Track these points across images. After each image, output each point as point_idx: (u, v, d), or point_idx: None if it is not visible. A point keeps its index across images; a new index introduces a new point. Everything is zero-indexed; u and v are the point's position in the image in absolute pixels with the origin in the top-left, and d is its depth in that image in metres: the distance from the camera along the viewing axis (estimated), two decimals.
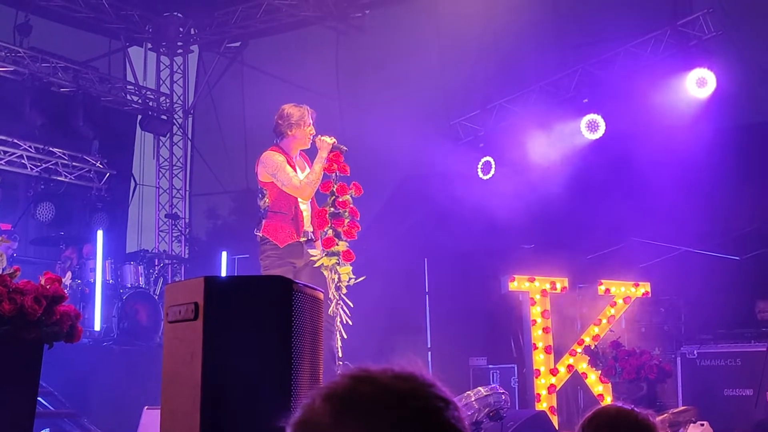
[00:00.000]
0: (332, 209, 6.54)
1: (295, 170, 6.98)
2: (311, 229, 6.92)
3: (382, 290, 12.09)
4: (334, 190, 6.59)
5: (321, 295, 3.98)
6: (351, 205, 6.62)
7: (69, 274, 11.04)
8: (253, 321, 3.49)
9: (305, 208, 7.03)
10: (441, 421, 1.44)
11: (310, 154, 7.09)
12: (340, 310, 6.40)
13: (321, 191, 6.88)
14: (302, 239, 6.92)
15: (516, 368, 10.38)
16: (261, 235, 6.92)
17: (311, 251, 6.71)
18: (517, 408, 9.62)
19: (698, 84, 10.42)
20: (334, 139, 6.89)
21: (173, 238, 15.94)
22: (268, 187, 6.97)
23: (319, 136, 6.94)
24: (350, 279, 6.50)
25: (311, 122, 7.09)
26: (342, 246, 6.50)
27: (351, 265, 6.63)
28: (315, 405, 1.46)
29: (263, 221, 6.95)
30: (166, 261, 13.93)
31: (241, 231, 14.82)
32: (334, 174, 6.70)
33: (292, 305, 3.49)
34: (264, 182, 7.00)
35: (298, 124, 7.02)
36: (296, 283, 3.63)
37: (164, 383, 3.67)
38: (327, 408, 1.44)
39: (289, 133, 7.03)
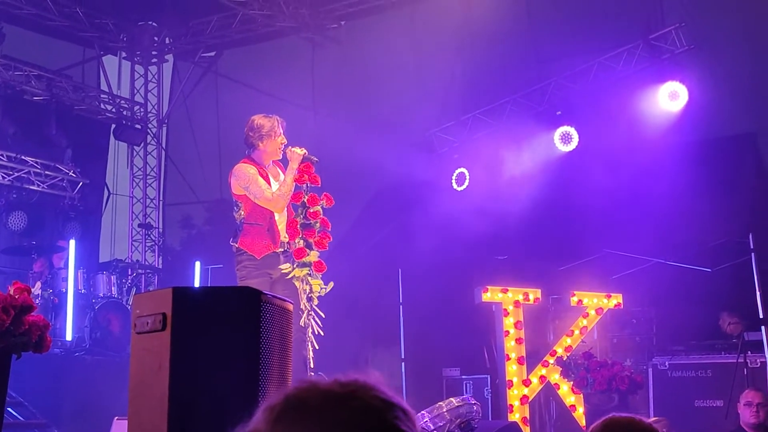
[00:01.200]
0: (303, 220, 6.54)
1: (268, 181, 6.98)
2: (287, 239, 6.91)
3: (356, 301, 12.09)
4: (305, 201, 6.59)
5: (290, 306, 3.98)
6: (322, 216, 6.62)
7: (38, 284, 10.96)
8: (222, 332, 3.48)
9: (281, 218, 7.03)
10: (381, 421, 1.42)
11: (285, 162, 7.09)
12: (312, 320, 6.40)
13: (292, 202, 6.88)
14: (279, 250, 6.92)
15: (489, 379, 10.39)
16: (237, 246, 6.92)
17: (281, 266, 6.70)
18: (490, 419, 9.64)
19: (670, 97, 10.52)
20: (304, 150, 6.90)
21: (147, 248, 15.86)
22: (242, 199, 6.96)
23: (290, 147, 6.94)
24: (321, 289, 6.50)
25: (282, 132, 7.09)
26: (313, 257, 6.50)
27: (322, 275, 6.62)
28: (256, 415, 1.46)
29: (239, 234, 6.95)
30: (140, 271, 13.87)
31: (214, 241, 14.77)
32: (305, 185, 6.70)
33: (261, 316, 3.49)
34: (237, 195, 7.00)
35: (269, 135, 7.02)
36: (265, 294, 3.62)
37: (132, 394, 3.66)
38: (265, 415, 1.44)
39: (260, 144, 7.03)
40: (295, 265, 6.48)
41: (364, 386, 1.45)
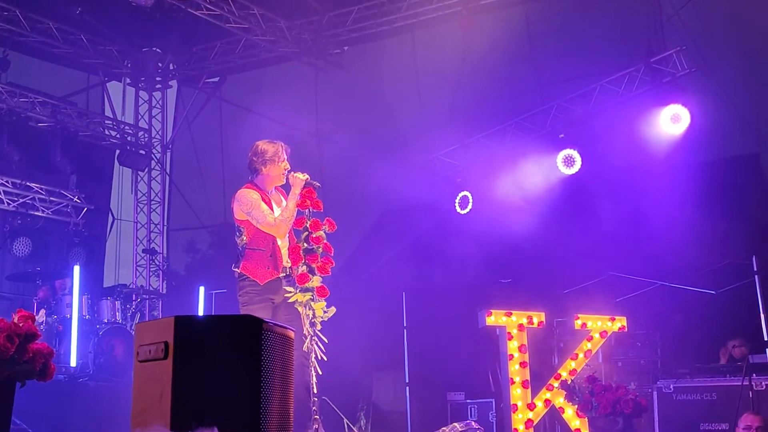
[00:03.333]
0: (306, 245, 6.55)
1: (270, 206, 6.99)
2: (290, 264, 6.91)
3: (360, 325, 12.06)
4: (308, 226, 6.60)
5: (292, 334, 3.99)
6: (325, 241, 6.63)
7: (42, 312, 10.96)
8: (223, 360, 3.49)
9: (283, 243, 7.04)
10: None
11: (287, 188, 7.10)
12: (315, 346, 6.39)
13: (295, 227, 6.89)
14: (281, 275, 6.92)
15: (494, 403, 10.36)
16: (239, 271, 6.93)
17: (286, 287, 6.70)
18: None
19: (672, 120, 10.53)
20: (306, 176, 6.91)
21: (151, 273, 15.89)
22: (245, 224, 6.98)
23: (293, 172, 6.96)
24: (324, 313, 6.49)
25: (285, 158, 7.12)
26: (316, 282, 6.50)
27: (326, 300, 6.62)
28: None
29: (241, 259, 6.95)
30: (144, 296, 13.87)
31: (218, 266, 14.77)
32: (307, 210, 6.71)
33: (262, 344, 3.50)
34: (240, 220, 7.01)
35: (273, 160, 7.04)
36: (266, 322, 3.63)
37: (134, 422, 3.66)
38: None
39: (264, 169, 7.06)
40: (297, 290, 6.48)
41: None
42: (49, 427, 9.03)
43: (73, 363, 10.92)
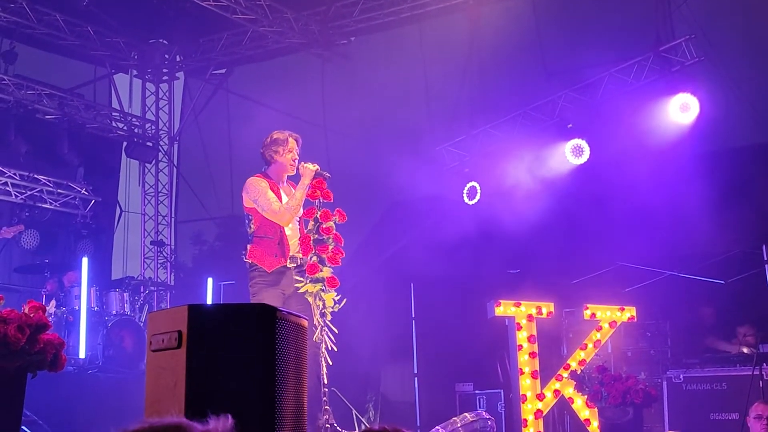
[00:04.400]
0: (316, 235, 6.54)
1: (279, 196, 7.01)
2: (300, 255, 6.92)
3: (369, 316, 12.07)
4: (318, 216, 6.60)
5: (305, 323, 3.98)
6: (335, 232, 6.62)
7: (53, 303, 10.99)
8: (237, 349, 3.48)
9: (292, 233, 7.06)
10: None
11: (298, 179, 7.11)
12: (325, 336, 6.39)
13: (304, 217, 6.90)
14: (290, 265, 6.93)
15: (503, 393, 10.35)
16: (249, 261, 6.95)
17: (297, 277, 6.70)
18: None
19: (681, 109, 10.48)
20: (317, 166, 6.92)
21: (159, 265, 15.90)
22: (253, 212, 7.01)
23: (303, 162, 6.98)
24: (335, 304, 6.50)
25: (295, 148, 7.14)
26: (326, 272, 6.49)
27: (336, 291, 6.62)
28: None
29: (249, 246, 6.99)
30: (152, 288, 13.89)
31: (226, 257, 14.79)
32: (317, 200, 6.71)
33: (276, 333, 3.49)
34: (248, 208, 7.05)
35: (282, 150, 7.09)
36: (280, 310, 3.62)
37: (147, 412, 3.65)
38: None
39: (274, 159, 7.11)
40: (308, 281, 6.48)
41: (175, 428, 1.43)
42: (58, 418, 9.04)
43: (82, 355, 10.94)
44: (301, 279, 6.58)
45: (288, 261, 6.95)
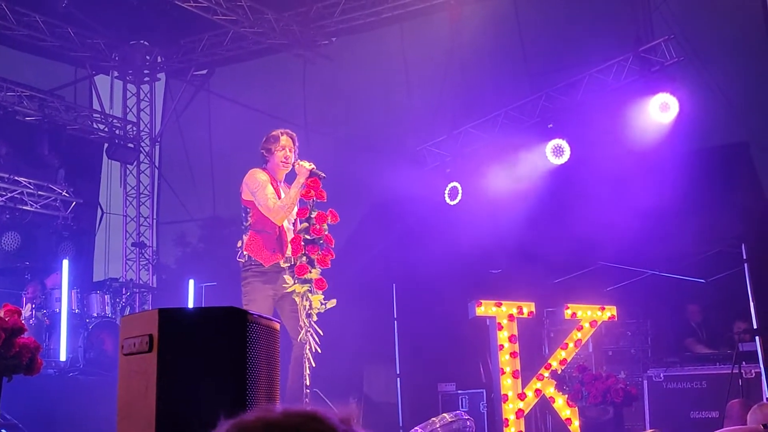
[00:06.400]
0: (307, 236, 6.52)
1: (278, 192, 7.01)
2: (293, 257, 6.91)
3: (351, 317, 12.02)
4: (312, 217, 6.58)
5: (277, 326, 3.97)
6: (327, 233, 6.61)
7: (29, 306, 10.91)
8: (208, 352, 3.47)
9: (289, 228, 7.07)
10: None
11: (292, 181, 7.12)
12: (310, 337, 6.37)
13: (298, 217, 6.88)
14: (284, 264, 6.91)
15: (485, 393, 10.37)
16: (245, 255, 6.91)
17: (286, 277, 6.68)
18: None
19: (661, 108, 10.51)
20: (312, 165, 6.91)
21: (141, 267, 15.85)
22: (251, 205, 7.02)
23: (299, 161, 6.98)
24: (322, 305, 6.48)
25: (290, 146, 7.15)
26: (315, 274, 6.48)
27: (322, 293, 6.60)
28: None
29: (245, 237, 6.96)
30: (134, 290, 13.84)
31: (209, 258, 14.76)
32: (311, 200, 6.69)
33: (247, 336, 3.48)
34: (246, 200, 7.05)
35: (273, 148, 7.11)
36: (251, 314, 3.61)
37: (120, 415, 3.64)
38: None
39: (267, 154, 7.13)
40: (296, 281, 6.46)
41: (311, 419, 1.43)
42: (39, 421, 8.99)
43: (62, 357, 10.89)
44: (290, 279, 6.56)
45: (284, 260, 6.94)
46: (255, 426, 1.43)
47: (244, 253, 6.96)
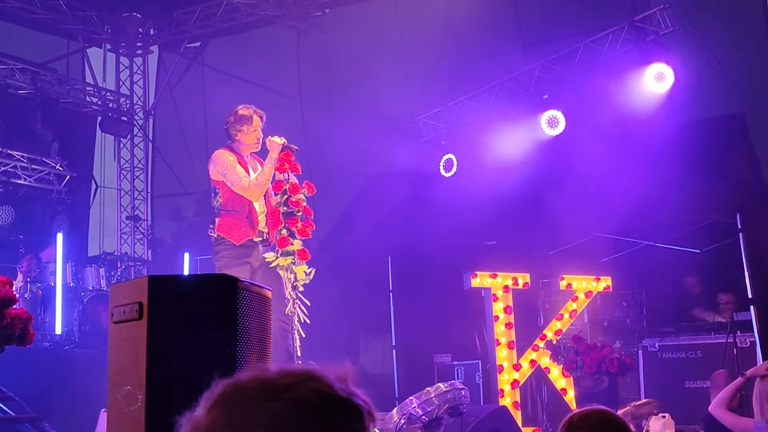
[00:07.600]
0: (285, 209, 6.50)
1: (247, 170, 6.95)
2: (266, 230, 6.89)
3: (347, 289, 12.08)
4: (287, 189, 6.56)
5: (269, 293, 3.95)
6: (304, 204, 6.58)
7: (20, 277, 10.88)
8: (198, 320, 3.45)
9: (260, 207, 7.01)
10: (311, 415, 1.40)
11: (264, 155, 7.04)
12: (298, 309, 6.37)
13: (273, 191, 6.85)
14: (257, 239, 6.89)
15: (480, 364, 10.39)
16: (216, 234, 6.90)
17: (266, 255, 6.66)
18: (481, 403, 9.65)
19: (656, 79, 10.46)
20: (284, 139, 6.86)
21: (136, 240, 15.83)
22: (220, 185, 6.95)
23: (269, 137, 6.91)
24: (306, 276, 6.47)
25: (259, 124, 7.05)
26: (297, 245, 6.46)
27: (311, 264, 6.60)
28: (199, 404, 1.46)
29: (217, 219, 6.94)
30: (129, 263, 13.83)
31: (203, 232, 14.62)
32: (286, 173, 6.66)
33: (238, 303, 3.46)
34: (216, 181, 6.99)
35: (246, 129, 6.99)
36: (242, 281, 3.59)
37: (110, 384, 3.63)
38: (203, 401, 1.46)
39: (238, 135, 7.01)
40: (278, 254, 6.45)
41: (307, 378, 1.42)
42: (34, 394, 9.01)
43: (58, 331, 10.91)
44: (272, 253, 6.54)
45: (256, 235, 6.91)
46: (251, 385, 1.42)
47: (215, 233, 6.94)
